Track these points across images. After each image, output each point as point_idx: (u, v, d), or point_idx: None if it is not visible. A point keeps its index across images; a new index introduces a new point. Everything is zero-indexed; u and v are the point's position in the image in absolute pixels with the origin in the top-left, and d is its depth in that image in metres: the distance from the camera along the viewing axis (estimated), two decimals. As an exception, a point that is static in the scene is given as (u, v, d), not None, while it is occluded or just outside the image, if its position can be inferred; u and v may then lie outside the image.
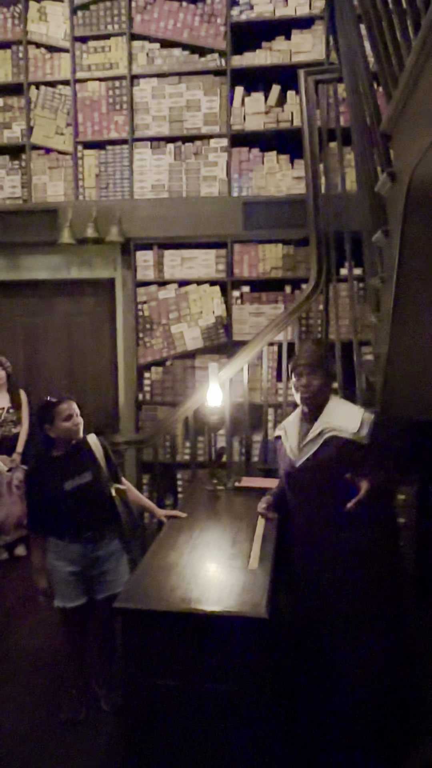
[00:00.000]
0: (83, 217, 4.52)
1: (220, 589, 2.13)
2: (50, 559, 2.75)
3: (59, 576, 2.73)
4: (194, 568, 2.34)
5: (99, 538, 2.71)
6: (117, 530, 2.79)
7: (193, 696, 2.03)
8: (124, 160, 4.58)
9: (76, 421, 2.71)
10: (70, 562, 2.71)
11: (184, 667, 2.03)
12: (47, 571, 2.76)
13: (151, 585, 2.20)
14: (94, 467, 2.74)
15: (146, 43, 4.50)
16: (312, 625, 2.43)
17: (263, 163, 4.42)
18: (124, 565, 2.83)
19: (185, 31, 4.41)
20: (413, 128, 1.83)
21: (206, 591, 2.13)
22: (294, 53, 4.28)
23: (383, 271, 2.69)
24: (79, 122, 4.63)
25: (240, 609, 2.00)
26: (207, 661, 2.01)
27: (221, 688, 2.00)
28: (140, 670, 2.08)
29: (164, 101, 4.49)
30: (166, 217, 4.49)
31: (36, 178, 4.70)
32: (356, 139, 2.95)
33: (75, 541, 2.69)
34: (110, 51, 4.54)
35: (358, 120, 2.86)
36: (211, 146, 4.47)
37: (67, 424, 2.68)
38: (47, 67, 4.64)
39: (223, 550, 2.52)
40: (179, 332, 4.62)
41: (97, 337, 5.08)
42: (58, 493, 2.65)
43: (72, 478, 2.68)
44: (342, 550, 2.35)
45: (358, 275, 4.11)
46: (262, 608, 1.99)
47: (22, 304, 5.15)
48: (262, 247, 4.47)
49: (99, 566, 2.74)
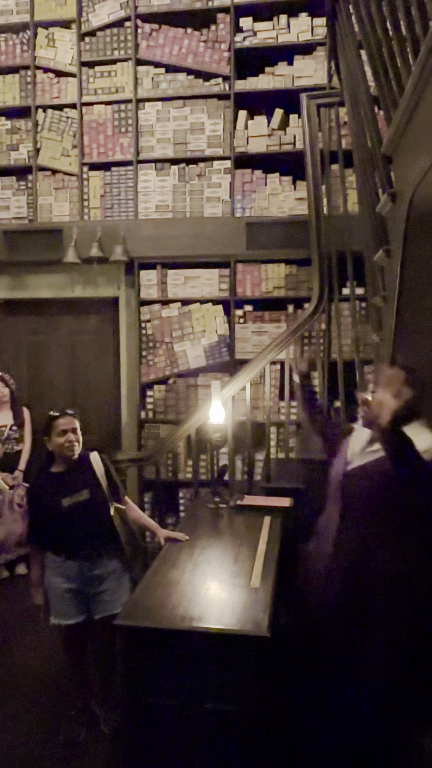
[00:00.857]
0: (88, 236, 4.57)
1: (221, 607, 2.12)
2: (48, 575, 2.74)
3: (56, 592, 2.71)
4: (195, 585, 2.32)
5: (96, 557, 2.69)
6: (116, 549, 2.77)
7: (193, 717, 2.01)
8: (129, 181, 4.64)
9: (70, 438, 2.68)
10: (67, 578, 2.69)
11: (184, 686, 2.01)
12: (45, 587, 2.75)
13: (152, 603, 2.18)
14: (93, 485, 2.73)
15: (151, 68, 4.58)
16: (320, 644, 2.34)
17: (266, 185, 4.48)
18: (125, 586, 2.80)
19: (190, 57, 4.50)
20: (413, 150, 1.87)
21: (207, 609, 2.12)
22: (296, 78, 4.36)
23: (385, 290, 2.72)
24: (85, 144, 4.70)
25: (242, 627, 1.98)
26: (208, 680, 1.99)
27: (222, 708, 1.98)
28: (140, 690, 2.06)
29: (169, 124, 4.57)
30: (169, 237, 4.54)
31: (42, 198, 4.77)
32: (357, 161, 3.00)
33: (71, 558, 2.68)
34: (116, 75, 4.63)
35: (359, 142, 2.91)
36: (214, 168, 4.54)
37: (60, 439, 2.67)
38: (54, 90, 4.72)
39: (225, 567, 2.51)
40: (182, 350, 4.64)
41: (100, 355, 5.10)
42: (55, 510, 2.64)
43: (70, 495, 2.67)
44: (374, 574, 2.16)
45: (360, 295, 4.14)
46: (264, 627, 1.98)
47: (26, 323, 5.19)
48: (264, 267, 4.51)
49: (97, 585, 2.72)
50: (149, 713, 2.06)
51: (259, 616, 2.04)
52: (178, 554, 2.68)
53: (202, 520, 3.18)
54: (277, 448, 4.44)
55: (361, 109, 2.86)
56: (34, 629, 3.66)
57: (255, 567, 2.49)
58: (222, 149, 4.52)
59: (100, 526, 2.71)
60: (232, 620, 2.03)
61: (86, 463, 2.79)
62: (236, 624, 2.00)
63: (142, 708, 2.06)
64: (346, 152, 3.86)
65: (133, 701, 2.07)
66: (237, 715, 1.97)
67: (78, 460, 2.74)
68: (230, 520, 3.19)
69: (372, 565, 2.17)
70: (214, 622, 2.02)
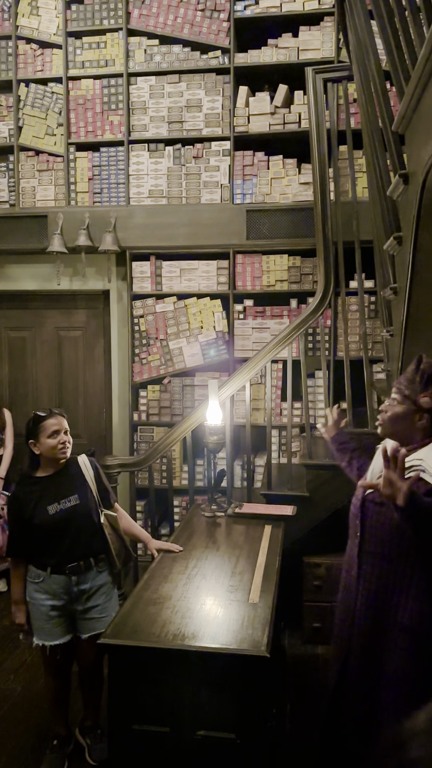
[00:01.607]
0: (75, 223, 4.56)
1: (217, 624, 2.11)
2: (30, 592, 2.72)
3: (39, 611, 2.70)
4: (189, 601, 2.31)
5: (85, 570, 2.69)
6: (106, 562, 2.76)
7: (186, 745, 2.00)
8: (120, 163, 4.64)
9: (62, 439, 2.68)
10: (52, 595, 2.68)
11: (176, 711, 2.00)
12: (27, 604, 2.74)
13: (142, 619, 2.17)
14: (82, 490, 2.72)
15: (144, 39, 4.58)
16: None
17: (268, 168, 4.48)
18: (113, 602, 2.80)
19: (186, 27, 4.50)
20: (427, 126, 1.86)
21: (202, 626, 2.11)
22: (302, 51, 4.36)
23: (395, 282, 2.71)
24: (71, 122, 4.70)
25: (239, 646, 1.97)
26: (202, 705, 1.98)
27: (218, 736, 1.97)
28: (128, 716, 2.05)
29: (163, 101, 4.57)
30: (164, 226, 4.54)
31: (24, 181, 4.76)
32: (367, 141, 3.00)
33: (57, 572, 2.67)
34: (105, 47, 4.63)
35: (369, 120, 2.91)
36: (212, 149, 4.54)
37: (51, 441, 2.66)
38: (38, 63, 4.73)
39: (222, 581, 2.50)
40: (178, 348, 4.64)
41: (89, 352, 5.10)
42: (40, 518, 2.63)
43: (57, 501, 2.66)
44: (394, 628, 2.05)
45: (369, 288, 4.15)
46: (264, 645, 1.97)
47: (8, 317, 5.18)
48: (266, 258, 4.51)
49: (84, 601, 2.71)
50: (138, 741, 2.05)
51: (257, 635, 2.03)
52: (171, 566, 2.67)
53: (197, 530, 3.18)
54: (279, 452, 4.44)
55: (371, 84, 2.86)
56: (15, 650, 3.66)
57: (254, 580, 2.49)
58: (221, 129, 4.52)
59: (89, 535, 2.70)
60: (229, 638, 2.02)
61: (74, 466, 2.78)
62: (233, 643, 1.99)
63: (130, 736, 2.05)
64: (355, 132, 3.86)
65: (121, 728, 2.06)
66: (234, 743, 1.96)
67: (65, 463, 2.74)
68: (228, 530, 3.19)
69: (392, 617, 2.05)
70: (209, 641, 2.01)
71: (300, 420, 4.32)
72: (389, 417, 2.16)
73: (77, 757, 2.83)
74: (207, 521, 3.31)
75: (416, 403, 2.11)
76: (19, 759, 2.82)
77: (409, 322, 2.54)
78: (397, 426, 2.15)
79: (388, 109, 2.65)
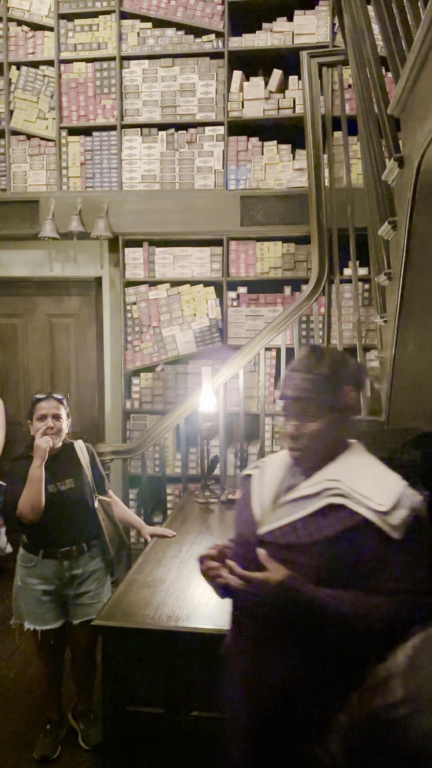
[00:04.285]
0: (67, 209, 4.55)
1: (211, 606, 2.13)
2: (22, 576, 2.74)
3: (31, 595, 2.72)
4: (183, 584, 2.34)
5: (77, 555, 2.71)
6: (99, 548, 2.78)
7: (180, 726, 2.03)
8: (112, 148, 4.62)
9: (49, 424, 2.67)
10: (44, 580, 2.70)
11: (170, 693, 2.03)
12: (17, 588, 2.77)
13: (135, 602, 2.20)
14: (78, 475, 2.74)
15: (137, 22, 4.55)
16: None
17: (262, 154, 4.47)
18: (106, 588, 2.82)
19: (179, 10, 4.48)
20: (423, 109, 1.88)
21: (196, 608, 2.14)
22: (296, 35, 4.35)
23: (390, 268, 2.73)
24: (63, 106, 4.67)
25: (232, 628, 2.00)
26: (196, 686, 2.01)
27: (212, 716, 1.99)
28: (122, 698, 2.08)
29: (156, 85, 4.55)
30: (157, 211, 4.53)
31: (15, 166, 4.74)
32: (363, 125, 3.00)
33: (49, 557, 2.68)
34: (98, 30, 4.60)
35: (364, 104, 2.91)
36: (206, 134, 4.52)
37: (39, 424, 2.68)
38: (29, 46, 4.69)
39: (215, 567, 2.52)
40: (171, 336, 4.64)
41: (82, 340, 5.09)
42: None
43: (52, 482, 2.68)
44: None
45: (363, 276, 4.16)
46: (257, 628, 1.99)
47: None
48: (260, 245, 4.51)
49: (77, 587, 2.73)
50: (132, 723, 2.07)
51: (251, 617, 2.06)
52: (164, 551, 2.70)
53: (191, 516, 3.20)
54: (273, 440, 4.46)
55: (367, 67, 2.86)
56: (7, 637, 3.68)
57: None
58: (215, 113, 4.51)
59: (83, 519, 2.72)
60: (223, 620, 2.03)
61: (71, 451, 2.80)
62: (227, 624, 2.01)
63: (124, 718, 2.08)
64: (350, 118, 3.86)
65: (115, 710, 2.09)
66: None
67: (62, 447, 2.76)
68: (221, 516, 3.21)
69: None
70: (202, 622, 2.04)
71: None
72: (309, 441, 1.58)
73: (70, 742, 2.86)
74: (200, 507, 3.34)
75: (338, 404, 1.59)
76: (12, 744, 2.85)
77: (403, 307, 2.56)
78: (319, 446, 1.59)
79: (384, 93, 2.66)
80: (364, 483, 1.51)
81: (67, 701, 3.02)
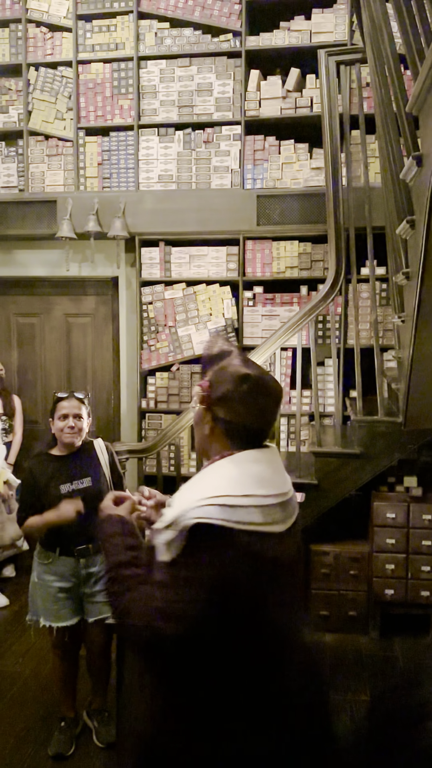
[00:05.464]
0: (84, 209, 4.55)
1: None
2: (39, 573, 2.74)
3: (47, 592, 2.72)
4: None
5: (93, 553, 2.70)
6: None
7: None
8: (129, 148, 4.62)
9: (70, 424, 2.70)
10: (60, 577, 2.70)
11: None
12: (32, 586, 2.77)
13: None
14: (96, 474, 2.75)
15: (155, 22, 4.54)
16: None
17: (279, 153, 4.44)
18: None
19: (197, 10, 4.46)
20: (442, 106, 1.84)
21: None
22: (314, 34, 4.31)
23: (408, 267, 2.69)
24: (81, 107, 4.67)
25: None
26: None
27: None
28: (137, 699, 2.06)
29: (173, 85, 4.53)
30: (173, 211, 4.52)
31: (33, 166, 4.75)
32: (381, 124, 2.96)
33: (65, 554, 2.69)
34: (116, 30, 4.59)
35: (383, 103, 2.87)
36: (223, 134, 4.50)
37: (60, 423, 2.71)
38: (48, 47, 4.69)
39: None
40: (186, 335, 4.63)
41: (98, 339, 5.10)
42: (52, 496, 2.65)
43: (69, 481, 2.69)
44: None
45: (381, 275, 4.12)
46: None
47: (17, 303, 5.19)
48: (276, 245, 4.48)
49: (92, 585, 2.73)
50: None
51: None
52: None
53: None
54: (288, 440, 4.43)
55: (386, 65, 2.82)
56: (23, 634, 3.69)
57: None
58: (231, 113, 4.48)
59: None
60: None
61: (90, 449, 2.81)
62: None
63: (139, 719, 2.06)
64: (368, 116, 3.82)
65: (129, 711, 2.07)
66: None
67: (81, 445, 2.76)
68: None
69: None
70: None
71: (309, 408, 4.31)
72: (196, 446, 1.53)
73: (85, 739, 2.86)
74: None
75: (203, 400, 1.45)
76: (27, 740, 2.85)
77: (421, 307, 2.52)
78: (198, 438, 1.51)
79: (402, 91, 2.62)
80: (179, 495, 1.41)
81: (82, 699, 3.01)
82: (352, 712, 2.96)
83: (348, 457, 3.59)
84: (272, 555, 1.33)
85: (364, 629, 3.78)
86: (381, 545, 3.72)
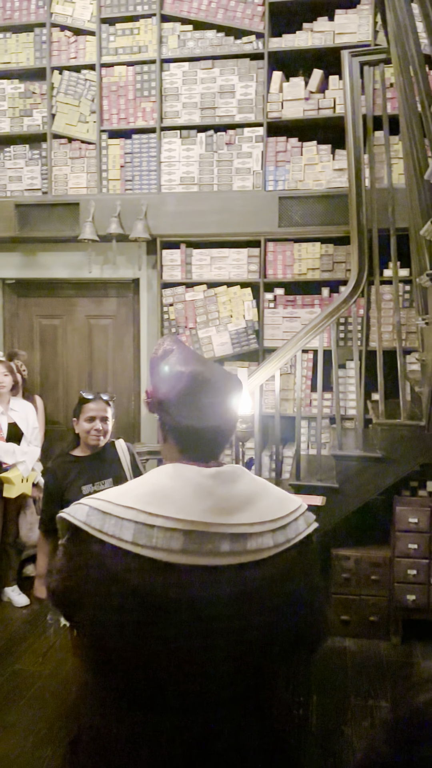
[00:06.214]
0: (107, 211, 4.56)
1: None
2: None
3: None
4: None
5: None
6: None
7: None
8: (152, 150, 4.62)
9: (97, 426, 2.72)
10: None
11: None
12: None
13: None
14: (118, 475, 2.74)
15: (177, 25, 4.54)
16: None
17: (302, 154, 4.42)
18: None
19: (220, 12, 4.46)
20: (469, 105, 1.81)
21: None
22: (337, 35, 4.28)
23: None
24: (104, 109, 4.69)
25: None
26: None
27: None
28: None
29: (196, 87, 4.53)
30: (195, 213, 4.51)
31: (57, 169, 4.78)
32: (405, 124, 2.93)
33: None
34: (139, 33, 4.61)
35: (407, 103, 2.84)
36: (245, 136, 4.49)
37: (86, 425, 2.72)
38: (72, 50, 4.72)
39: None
40: (207, 337, 4.62)
41: (119, 341, 5.11)
42: (74, 496, 2.65)
43: (91, 482, 2.69)
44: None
45: (404, 277, 4.07)
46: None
47: (40, 305, 5.22)
48: (298, 246, 4.45)
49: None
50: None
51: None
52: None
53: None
54: (309, 443, 4.40)
55: (410, 66, 2.79)
56: (43, 633, 3.69)
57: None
58: (254, 115, 4.47)
59: None
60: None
61: (113, 450, 2.81)
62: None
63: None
64: (391, 117, 3.78)
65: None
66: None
67: (104, 446, 2.76)
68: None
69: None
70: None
71: (330, 411, 4.27)
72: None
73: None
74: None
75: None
76: (46, 740, 2.85)
77: (445, 309, 2.49)
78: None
79: (428, 91, 2.59)
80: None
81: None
82: (373, 717, 2.92)
83: (369, 460, 3.55)
84: (144, 581, 1.16)
85: (385, 635, 3.73)
86: (403, 550, 3.67)
